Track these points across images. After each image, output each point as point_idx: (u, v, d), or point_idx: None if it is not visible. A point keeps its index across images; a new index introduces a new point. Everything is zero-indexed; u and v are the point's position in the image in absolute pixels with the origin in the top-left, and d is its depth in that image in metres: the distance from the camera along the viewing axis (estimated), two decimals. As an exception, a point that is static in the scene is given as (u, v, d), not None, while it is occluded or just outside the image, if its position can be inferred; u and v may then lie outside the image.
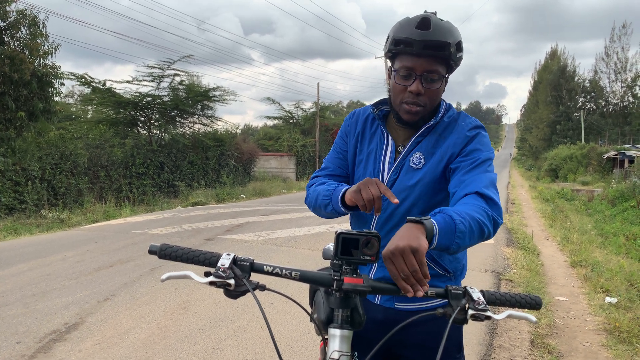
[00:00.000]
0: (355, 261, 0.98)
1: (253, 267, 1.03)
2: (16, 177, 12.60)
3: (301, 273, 1.03)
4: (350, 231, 0.98)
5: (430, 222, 1.07)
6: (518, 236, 8.61)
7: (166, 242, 1.06)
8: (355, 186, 1.16)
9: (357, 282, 0.97)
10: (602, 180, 25.07)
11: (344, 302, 1.02)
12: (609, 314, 4.46)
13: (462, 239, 1.12)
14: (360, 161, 1.52)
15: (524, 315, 1.04)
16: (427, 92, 1.35)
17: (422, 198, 1.41)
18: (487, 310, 0.99)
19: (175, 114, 19.72)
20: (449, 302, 1.04)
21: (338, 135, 1.61)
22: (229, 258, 1.01)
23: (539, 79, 57.95)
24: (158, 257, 1.04)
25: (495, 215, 1.22)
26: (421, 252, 0.97)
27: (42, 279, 4.98)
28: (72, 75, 17.24)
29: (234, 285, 0.97)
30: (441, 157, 1.40)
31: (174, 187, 18.15)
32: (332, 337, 1.00)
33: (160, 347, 3.34)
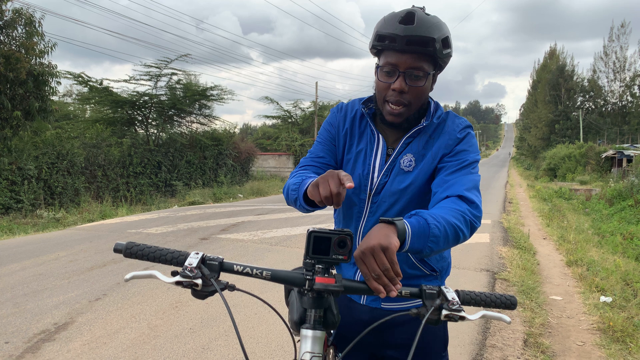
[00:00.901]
0: (327, 261, 0.96)
1: (222, 266, 1.00)
2: (12, 177, 12.57)
3: (272, 273, 1.01)
4: (322, 229, 0.96)
5: (403, 224, 1.05)
6: (514, 235, 8.59)
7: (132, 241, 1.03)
8: (315, 180, 1.08)
9: (329, 282, 0.95)
10: (600, 180, 25.07)
11: (317, 302, 0.99)
12: (603, 313, 4.44)
13: (436, 244, 1.10)
14: (348, 160, 1.47)
15: (498, 316, 1.02)
16: (411, 90, 1.31)
17: (413, 201, 1.38)
18: (461, 310, 0.97)
19: (173, 113, 19.69)
20: (423, 302, 1.02)
21: (323, 127, 1.53)
22: (197, 257, 0.99)
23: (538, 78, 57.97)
24: (124, 256, 1.02)
25: (473, 219, 1.20)
26: (391, 250, 0.95)
27: (34, 279, 4.95)
28: (69, 75, 17.23)
29: (201, 285, 0.94)
30: (432, 159, 1.36)
31: (172, 187, 18.12)
32: (304, 338, 0.98)
33: (150, 347, 3.31)
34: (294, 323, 1.03)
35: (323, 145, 1.49)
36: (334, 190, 1.01)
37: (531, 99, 61.92)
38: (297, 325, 1.02)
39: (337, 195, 1.01)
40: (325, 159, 1.47)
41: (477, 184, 1.31)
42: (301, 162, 1.49)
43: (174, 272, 0.95)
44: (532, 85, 62.68)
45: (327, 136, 1.51)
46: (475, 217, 1.21)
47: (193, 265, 0.95)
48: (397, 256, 1.43)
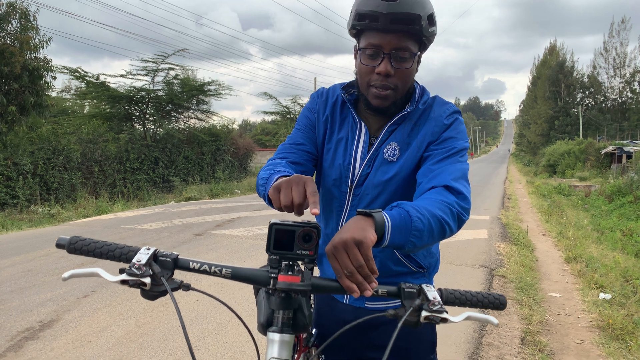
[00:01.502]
0: (290, 257, 0.86)
1: (177, 263, 0.90)
2: (7, 172, 12.46)
3: (233, 270, 0.91)
4: (285, 221, 0.86)
5: (381, 216, 0.94)
6: (513, 231, 8.50)
7: (77, 235, 0.93)
8: (278, 182, 0.96)
9: (294, 280, 0.85)
10: (600, 176, 24.99)
11: (285, 303, 0.89)
12: (602, 310, 4.35)
13: (419, 238, 0.99)
14: (328, 149, 1.36)
15: (484, 318, 0.92)
16: (397, 72, 1.20)
17: (397, 193, 1.28)
18: (443, 311, 0.87)
19: (170, 108, 19.56)
20: (402, 302, 0.92)
21: (302, 113, 1.42)
22: (148, 253, 0.88)
23: (538, 74, 57.79)
24: (67, 252, 0.92)
25: (460, 212, 1.09)
26: (366, 245, 0.85)
27: (22, 275, 4.86)
28: (66, 69, 17.09)
29: (150, 284, 0.84)
30: (418, 148, 1.26)
31: (169, 183, 18.01)
32: (271, 342, 0.88)
33: (136, 345, 3.22)
34: (260, 325, 0.93)
35: (302, 132, 1.38)
36: (296, 201, 0.90)
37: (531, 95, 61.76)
38: (264, 328, 0.92)
39: (299, 207, 0.91)
40: (305, 146, 1.36)
41: (465, 174, 1.20)
42: (279, 150, 1.37)
43: (122, 269, 0.85)
44: (532, 82, 62.50)
45: (307, 123, 1.39)
46: (463, 209, 1.10)
47: (142, 262, 0.85)
48: (382, 252, 1.33)
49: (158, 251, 0.90)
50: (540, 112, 50.71)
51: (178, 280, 0.89)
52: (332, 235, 1.38)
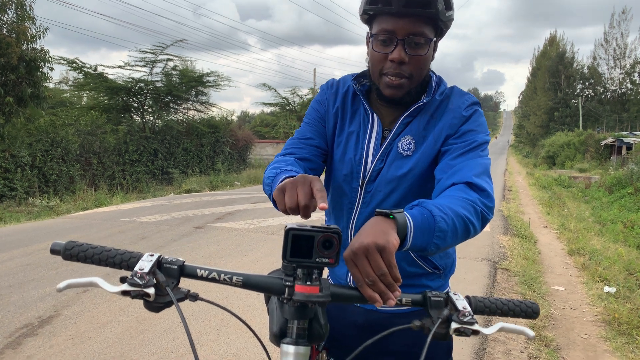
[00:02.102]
0: (309, 265, 0.78)
1: (183, 270, 0.83)
2: (5, 164, 12.36)
3: (244, 278, 0.83)
4: (303, 226, 0.78)
5: (403, 217, 0.87)
6: (515, 224, 8.46)
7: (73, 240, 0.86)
8: (283, 183, 0.90)
9: (312, 291, 0.77)
10: (600, 167, 24.95)
11: (300, 312, 0.82)
12: (607, 304, 4.31)
13: (443, 239, 0.92)
14: (339, 143, 1.28)
15: (519, 329, 0.85)
16: (412, 60, 1.12)
17: (412, 190, 1.20)
18: (474, 322, 0.80)
19: (169, 99, 19.42)
20: (428, 313, 0.85)
21: (311, 106, 1.35)
22: (152, 260, 0.81)
23: (538, 65, 57.53)
24: (63, 258, 0.85)
25: (485, 210, 1.02)
26: (389, 250, 0.78)
27: (21, 269, 4.80)
28: (63, 60, 16.91)
29: (154, 295, 0.77)
30: (435, 142, 1.18)
31: (168, 175, 17.92)
32: (285, 355, 0.81)
33: (137, 342, 3.17)
34: (273, 335, 0.87)
35: (311, 126, 1.30)
36: (302, 202, 0.85)
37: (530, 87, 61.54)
38: (277, 339, 0.85)
39: (305, 208, 0.85)
40: (314, 140, 1.29)
41: (487, 169, 1.13)
42: (287, 144, 1.30)
43: (123, 277, 0.78)
44: (532, 73, 62.25)
45: (316, 116, 1.32)
46: (487, 207, 1.03)
47: (145, 270, 0.78)
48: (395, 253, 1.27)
49: (162, 257, 0.83)
50: (539, 103, 50.56)
51: (184, 290, 0.82)
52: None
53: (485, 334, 0.81)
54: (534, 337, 0.88)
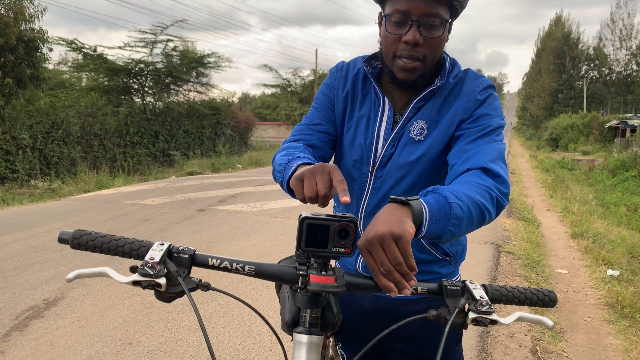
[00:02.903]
0: (324, 255, 0.76)
1: (194, 260, 0.81)
2: (7, 146, 12.33)
3: (257, 267, 0.81)
4: (318, 215, 0.76)
5: (419, 204, 0.84)
6: (518, 207, 8.45)
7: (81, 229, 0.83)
8: (300, 171, 0.88)
9: (327, 282, 0.75)
10: (603, 150, 24.84)
11: (313, 301, 0.81)
12: (610, 287, 4.33)
13: (458, 227, 0.89)
14: (348, 128, 1.25)
15: (538, 319, 0.84)
16: (426, 41, 1.08)
17: (424, 176, 1.18)
18: (492, 312, 0.78)
19: (170, 81, 19.26)
20: (444, 302, 0.83)
21: (320, 90, 1.31)
22: (162, 249, 0.79)
23: (542, 46, 56.80)
24: (71, 247, 0.82)
25: (500, 196, 0.99)
26: (406, 239, 0.75)
27: (25, 252, 4.81)
28: (62, 41, 16.73)
29: (166, 285, 0.75)
30: (448, 126, 1.15)
31: (169, 157, 17.89)
32: (298, 345, 0.80)
33: (143, 324, 3.18)
34: (285, 324, 0.85)
35: (320, 111, 1.27)
36: (321, 192, 0.82)
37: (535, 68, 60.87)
38: (289, 328, 0.84)
39: (325, 198, 0.83)
40: (323, 126, 1.26)
41: (502, 154, 1.10)
42: (295, 130, 1.27)
43: (133, 267, 0.76)
44: (537, 54, 61.47)
45: (325, 100, 1.28)
46: (503, 193, 1.00)
47: (156, 260, 0.76)
48: None
49: (173, 246, 0.81)
50: (544, 85, 50.11)
51: (196, 280, 0.80)
52: None
53: (503, 323, 0.79)
54: (553, 327, 0.86)
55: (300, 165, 0.98)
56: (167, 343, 2.93)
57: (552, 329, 0.85)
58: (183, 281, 0.76)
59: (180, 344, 2.93)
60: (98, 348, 2.85)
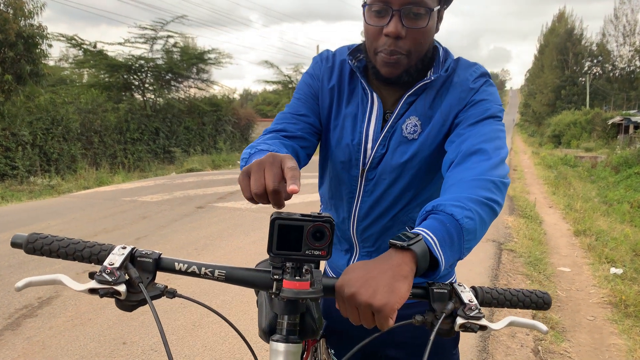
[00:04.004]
0: (297, 258, 0.70)
1: (159, 264, 0.75)
2: (6, 142, 12.29)
3: (227, 272, 0.75)
4: (291, 215, 0.69)
5: (423, 246, 0.73)
6: (520, 204, 8.38)
7: (36, 232, 0.77)
8: (249, 165, 0.74)
9: (302, 287, 0.69)
10: (606, 147, 24.71)
11: (291, 307, 0.75)
12: (614, 285, 4.26)
13: (474, 239, 0.82)
14: (335, 126, 1.15)
15: (531, 323, 0.78)
16: (409, 33, 0.98)
17: (418, 175, 1.09)
18: (481, 317, 0.72)
19: (170, 77, 19.17)
20: (431, 306, 0.77)
21: (302, 80, 1.19)
22: (124, 253, 0.73)
23: (545, 42, 56.49)
24: (25, 252, 0.76)
25: (501, 180, 0.91)
26: (385, 314, 0.67)
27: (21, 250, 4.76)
28: (62, 37, 16.66)
29: (126, 292, 0.69)
30: (443, 121, 1.06)
31: (170, 153, 17.83)
32: (274, 354, 0.73)
33: (137, 323, 3.13)
34: (262, 331, 0.79)
35: (304, 102, 1.16)
36: (270, 186, 0.69)
37: (537, 64, 60.59)
38: (266, 335, 0.78)
39: (275, 194, 0.70)
40: (309, 117, 1.15)
41: (500, 135, 1.02)
42: (277, 119, 1.15)
43: (92, 273, 0.70)
44: (539, 50, 61.18)
45: (308, 91, 1.17)
46: (502, 176, 0.92)
47: (115, 265, 0.70)
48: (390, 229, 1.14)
49: (136, 250, 0.74)
50: (546, 81, 49.88)
51: (161, 286, 0.74)
52: (342, 225, 1.20)
53: (493, 329, 0.73)
54: (547, 332, 0.79)
55: None
56: (161, 343, 2.88)
57: (546, 333, 0.78)
58: (145, 288, 0.70)
59: (175, 344, 2.88)
60: (91, 348, 2.79)
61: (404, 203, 1.13)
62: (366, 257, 1.19)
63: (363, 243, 1.19)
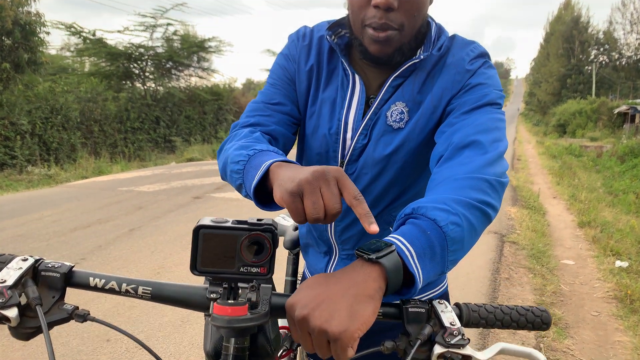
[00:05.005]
0: (230, 277, 0.57)
1: (69, 279, 0.62)
2: (5, 132, 12.19)
3: (154, 289, 0.62)
4: (221, 222, 0.56)
5: (394, 258, 0.60)
6: (524, 194, 8.22)
7: None
8: (293, 183, 0.62)
9: (236, 313, 0.55)
10: (612, 136, 24.41)
11: (236, 329, 0.62)
12: (619, 279, 4.13)
13: (460, 250, 0.68)
14: (312, 113, 1.00)
15: (525, 351, 0.64)
16: (402, 5, 0.84)
17: (405, 171, 0.95)
18: (465, 344, 0.59)
19: (170, 66, 19.00)
20: (404, 329, 0.63)
21: (277, 63, 1.05)
22: (22, 267, 0.60)
23: (551, 30, 55.78)
24: None
25: (498, 179, 0.77)
26: (343, 344, 0.54)
27: (12, 241, 4.67)
28: (61, 25, 16.48)
29: (18, 318, 0.56)
30: (433, 107, 0.91)
31: (171, 143, 17.72)
32: None
33: (124, 319, 3.03)
34: (207, 355, 0.67)
35: (279, 89, 1.01)
36: (333, 210, 0.60)
37: (543, 53, 59.91)
38: (211, 359, 0.65)
39: (335, 216, 0.61)
40: (285, 106, 1.00)
41: (498, 125, 0.86)
42: (249, 110, 1.00)
43: None
44: (545, 38, 60.44)
45: (284, 75, 1.02)
46: (499, 174, 0.78)
47: (7, 282, 0.57)
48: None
49: (41, 262, 0.61)
50: (552, 70, 49.33)
51: (69, 307, 0.61)
52: (319, 225, 1.06)
53: (480, 359, 0.60)
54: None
55: (277, 166, 0.72)
56: (147, 340, 2.77)
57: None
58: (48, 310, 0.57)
59: (162, 341, 2.77)
60: (73, 345, 2.69)
61: (388, 201, 0.99)
62: (346, 260, 1.06)
63: (342, 245, 1.05)
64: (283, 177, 0.66)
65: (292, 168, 0.68)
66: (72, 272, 0.63)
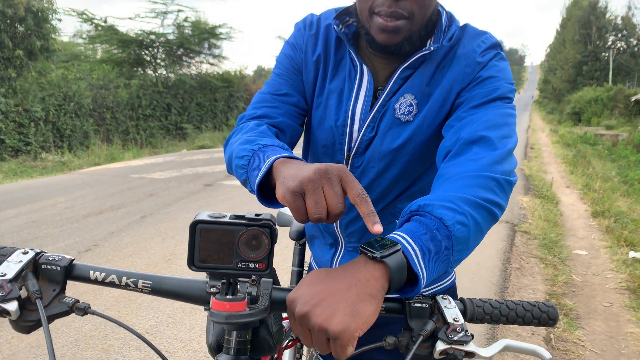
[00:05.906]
0: (227, 272, 0.56)
1: (70, 272, 0.62)
2: (19, 119, 12.35)
3: (154, 283, 0.62)
4: (219, 217, 0.55)
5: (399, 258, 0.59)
6: (536, 183, 8.13)
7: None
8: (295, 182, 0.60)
9: (235, 309, 0.55)
10: (628, 124, 23.94)
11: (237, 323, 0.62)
12: (632, 270, 4.08)
13: (465, 250, 0.66)
14: (318, 104, 0.98)
15: (530, 348, 0.62)
16: None
17: (412, 164, 0.93)
18: (469, 341, 0.58)
19: (182, 52, 19.01)
20: (407, 324, 0.62)
21: (283, 52, 1.02)
22: (22, 260, 0.59)
23: (568, 16, 54.56)
24: None
25: (506, 178, 0.75)
26: (345, 341, 0.52)
27: (26, 227, 4.74)
28: (73, 12, 16.53)
29: (18, 312, 0.56)
30: (443, 100, 0.89)
31: (182, 130, 17.81)
32: None
33: (135, 305, 3.07)
34: (209, 347, 0.67)
35: (286, 79, 0.99)
36: (336, 210, 0.59)
37: (559, 39, 58.69)
38: (212, 352, 0.65)
39: (337, 217, 0.60)
40: (293, 97, 0.98)
41: (508, 121, 0.84)
42: (255, 101, 0.98)
43: None
44: (561, 24, 59.15)
45: (290, 65, 1.00)
46: (507, 172, 0.76)
47: (8, 276, 0.57)
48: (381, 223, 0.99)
49: (42, 255, 0.61)
50: (567, 56, 48.38)
51: (69, 300, 0.61)
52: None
53: (483, 356, 0.59)
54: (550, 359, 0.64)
55: (281, 162, 0.70)
56: (158, 326, 2.81)
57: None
58: (49, 303, 0.57)
59: (172, 327, 2.81)
60: (86, 330, 2.74)
61: (395, 194, 0.98)
62: (352, 253, 1.05)
63: (348, 238, 1.05)
64: (286, 174, 0.64)
65: (295, 165, 0.67)
66: (72, 265, 0.63)
